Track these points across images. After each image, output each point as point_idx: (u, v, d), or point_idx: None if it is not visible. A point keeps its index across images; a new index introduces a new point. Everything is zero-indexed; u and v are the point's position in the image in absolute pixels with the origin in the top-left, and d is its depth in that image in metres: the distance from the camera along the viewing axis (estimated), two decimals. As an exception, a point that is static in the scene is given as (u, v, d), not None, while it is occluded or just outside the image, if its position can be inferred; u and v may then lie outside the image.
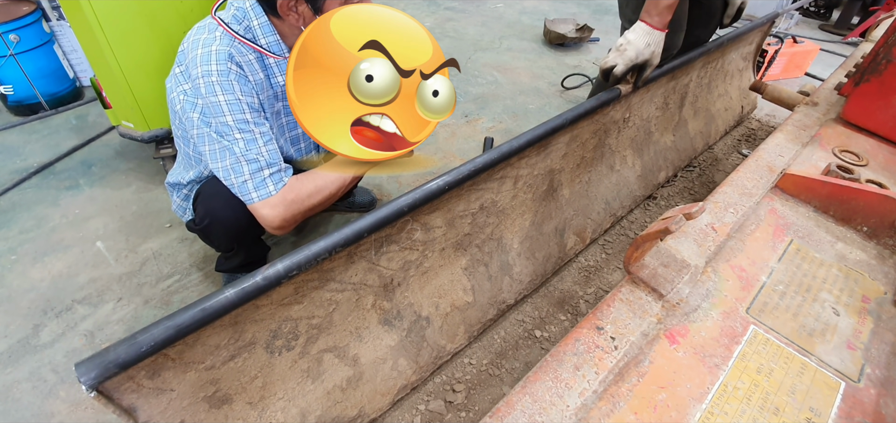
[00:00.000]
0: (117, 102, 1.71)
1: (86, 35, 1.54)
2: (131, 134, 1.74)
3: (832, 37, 3.63)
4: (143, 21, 1.55)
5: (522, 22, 3.70)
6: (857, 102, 1.25)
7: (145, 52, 1.60)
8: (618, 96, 1.35)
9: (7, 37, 2.14)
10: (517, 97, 2.64)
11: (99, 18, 1.47)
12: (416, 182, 1.97)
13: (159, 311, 1.42)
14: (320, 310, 0.96)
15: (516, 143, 1.11)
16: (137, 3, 1.51)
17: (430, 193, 0.94)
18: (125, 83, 1.61)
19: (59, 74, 2.42)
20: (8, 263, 1.56)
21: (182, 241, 1.66)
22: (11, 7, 2.21)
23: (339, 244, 0.82)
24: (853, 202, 0.96)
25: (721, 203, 0.99)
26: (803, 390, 0.68)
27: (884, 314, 0.80)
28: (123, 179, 1.94)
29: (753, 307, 0.80)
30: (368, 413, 1.07)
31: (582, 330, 0.74)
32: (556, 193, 1.46)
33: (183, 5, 1.59)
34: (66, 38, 2.47)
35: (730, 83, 2.21)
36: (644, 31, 1.27)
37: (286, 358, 0.94)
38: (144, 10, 1.53)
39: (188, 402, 0.80)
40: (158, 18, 1.57)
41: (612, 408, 0.65)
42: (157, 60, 1.63)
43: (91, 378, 0.61)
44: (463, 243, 1.23)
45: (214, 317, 0.70)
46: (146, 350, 0.64)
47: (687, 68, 1.73)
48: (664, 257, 0.81)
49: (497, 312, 1.34)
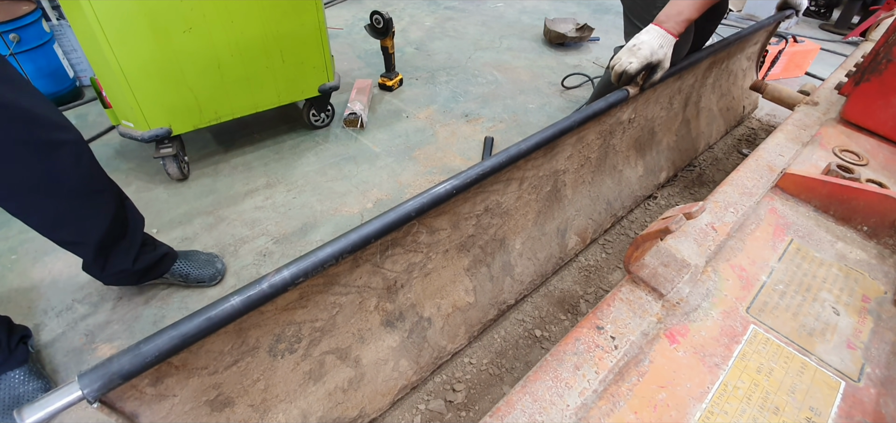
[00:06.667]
0: (117, 102, 1.71)
1: (86, 35, 1.54)
2: (131, 134, 1.74)
3: (832, 36, 3.63)
4: (143, 21, 1.55)
5: (522, 21, 3.70)
6: (858, 102, 1.25)
7: (145, 52, 1.60)
8: (626, 97, 1.33)
9: (7, 36, 2.14)
10: (517, 97, 2.64)
11: (99, 18, 1.47)
12: (422, 186, 1.97)
13: (159, 311, 1.42)
14: (324, 313, 0.96)
15: (525, 145, 1.09)
16: (137, 3, 1.51)
17: (438, 197, 0.93)
18: (125, 83, 1.61)
19: (59, 73, 2.42)
20: (8, 262, 1.56)
21: (182, 241, 1.66)
22: (11, 7, 2.21)
23: (346, 250, 0.81)
24: (853, 202, 0.96)
25: (721, 203, 0.99)
26: (803, 389, 0.68)
27: (884, 314, 0.80)
28: (123, 179, 1.94)
29: (753, 307, 0.80)
30: (369, 413, 1.08)
31: (582, 330, 0.74)
32: (560, 194, 1.46)
33: (183, 5, 1.59)
34: (66, 38, 2.47)
35: (733, 83, 2.21)
36: (658, 34, 1.27)
37: (289, 361, 0.94)
38: (144, 10, 1.53)
39: (190, 406, 0.80)
40: (158, 18, 1.57)
41: (612, 408, 0.66)
42: (157, 60, 1.63)
43: (94, 390, 0.60)
44: (466, 245, 1.23)
45: (219, 325, 0.69)
46: (151, 360, 0.63)
47: (693, 69, 1.73)
48: (664, 257, 0.81)
49: (498, 312, 1.34)
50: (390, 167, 2.06)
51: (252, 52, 1.82)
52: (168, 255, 1.42)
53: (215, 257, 1.54)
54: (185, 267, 1.45)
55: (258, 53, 1.83)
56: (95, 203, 1.18)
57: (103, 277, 1.31)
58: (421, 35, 3.42)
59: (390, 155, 2.14)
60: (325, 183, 1.95)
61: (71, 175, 1.10)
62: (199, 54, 1.71)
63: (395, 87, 2.69)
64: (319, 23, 1.92)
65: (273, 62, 1.89)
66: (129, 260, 1.29)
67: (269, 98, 1.97)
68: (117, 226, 1.24)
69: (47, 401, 0.57)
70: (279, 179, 1.97)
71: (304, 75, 2.02)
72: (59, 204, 1.11)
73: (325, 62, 2.04)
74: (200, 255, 1.51)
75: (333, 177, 1.99)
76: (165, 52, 1.63)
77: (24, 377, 1.18)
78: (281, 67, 1.93)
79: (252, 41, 1.80)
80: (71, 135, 1.11)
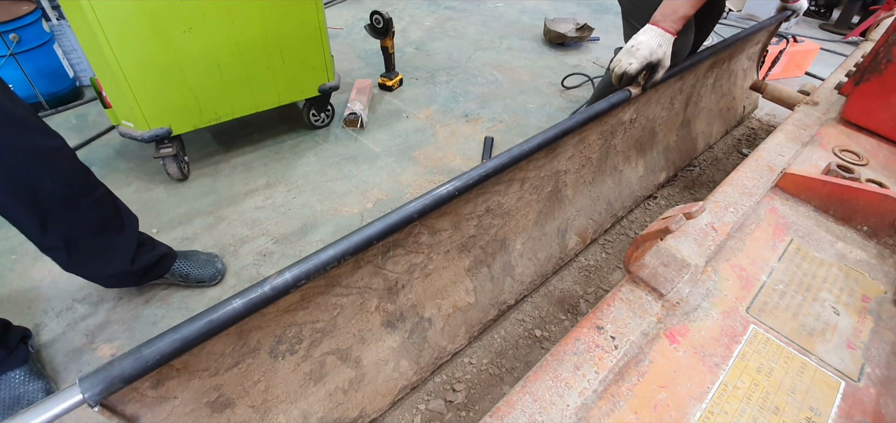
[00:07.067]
0: (117, 101, 1.71)
1: (86, 35, 1.54)
2: (131, 134, 1.74)
3: (832, 36, 3.63)
4: (142, 21, 1.55)
5: (522, 21, 3.70)
6: (858, 102, 1.25)
7: (145, 52, 1.60)
8: (628, 98, 1.33)
9: (7, 36, 2.14)
10: (517, 97, 2.64)
11: (99, 18, 1.47)
12: (422, 186, 1.98)
13: (159, 311, 1.42)
14: (325, 314, 0.96)
15: (527, 146, 1.08)
16: (137, 3, 1.51)
17: (440, 198, 0.93)
18: (125, 83, 1.61)
19: (59, 73, 2.42)
20: (9, 262, 1.56)
21: (182, 241, 1.66)
22: (11, 7, 2.21)
23: (348, 252, 0.81)
24: (853, 202, 0.96)
25: (721, 203, 0.99)
26: (803, 389, 0.68)
27: (884, 314, 0.80)
28: (123, 179, 1.94)
29: (753, 307, 0.80)
30: (369, 414, 1.08)
31: (582, 330, 0.75)
32: (561, 194, 1.46)
33: (183, 5, 1.59)
34: (66, 38, 2.47)
35: (734, 83, 2.21)
36: (656, 34, 1.27)
37: (289, 362, 0.94)
38: (144, 10, 1.53)
39: (191, 408, 0.80)
40: (158, 18, 1.57)
41: (612, 407, 0.66)
42: (157, 60, 1.63)
43: (96, 394, 0.60)
44: (467, 245, 1.23)
45: (221, 328, 0.69)
46: (152, 363, 0.63)
47: (694, 69, 1.73)
48: (664, 257, 0.81)
49: (498, 312, 1.34)
50: (390, 167, 2.06)
51: (252, 52, 1.82)
52: (167, 255, 1.42)
53: (215, 256, 1.54)
54: (184, 267, 1.45)
55: (258, 53, 1.83)
56: (82, 207, 1.17)
57: (102, 280, 1.31)
58: (421, 35, 3.42)
59: (390, 155, 2.14)
60: (325, 183, 1.96)
61: (56, 180, 1.10)
62: (199, 54, 1.71)
63: (395, 87, 2.69)
64: (319, 23, 1.92)
65: (273, 62, 1.89)
66: (126, 261, 1.29)
67: (269, 98, 1.97)
68: (109, 228, 1.24)
69: (48, 404, 0.57)
70: (279, 179, 1.97)
71: (304, 75, 2.02)
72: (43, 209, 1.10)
73: (325, 62, 2.04)
74: (200, 255, 1.52)
75: (333, 177, 1.99)
76: (165, 52, 1.63)
77: (24, 378, 1.18)
78: (281, 67, 1.93)
79: (252, 41, 1.80)
80: (57, 141, 1.11)
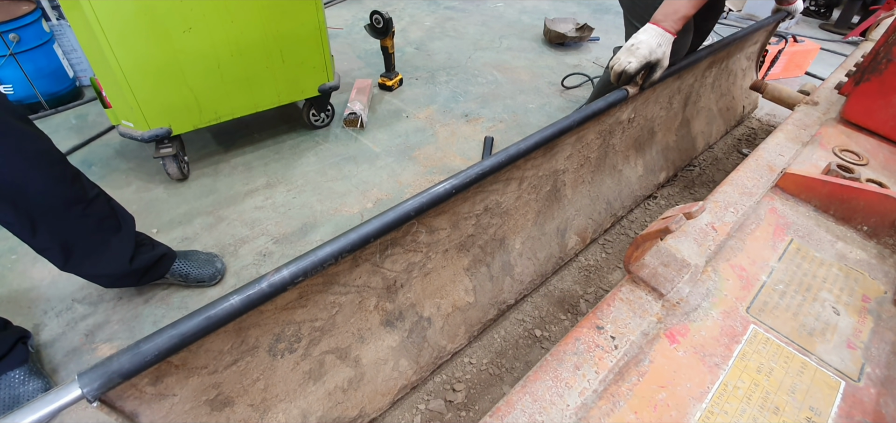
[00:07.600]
0: (117, 101, 1.71)
1: (86, 35, 1.54)
2: (131, 134, 1.74)
3: (832, 36, 3.62)
4: (142, 21, 1.55)
5: (522, 21, 3.70)
6: (858, 102, 1.25)
7: (145, 51, 1.60)
8: (625, 97, 1.33)
9: (7, 36, 2.14)
10: (517, 96, 2.64)
11: (99, 18, 1.47)
12: (422, 186, 1.97)
13: (159, 310, 1.42)
14: (323, 313, 0.96)
15: (524, 145, 1.09)
16: (137, 3, 1.51)
17: (437, 196, 0.93)
18: (125, 83, 1.61)
19: (58, 73, 2.42)
20: (9, 262, 1.56)
21: (182, 241, 1.66)
22: (11, 7, 2.21)
23: (345, 250, 0.81)
24: (853, 202, 0.96)
25: (721, 203, 0.99)
26: (803, 389, 0.68)
27: (884, 314, 0.80)
28: (123, 179, 1.94)
29: (753, 307, 0.80)
30: (369, 413, 1.08)
31: (582, 330, 0.74)
32: (559, 194, 1.46)
33: (183, 5, 1.59)
34: (66, 38, 2.47)
35: (733, 83, 2.21)
36: (655, 33, 1.27)
37: (288, 361, 0.94)
38: (144, 10, 1.53)
39: (190, 406, 0.80)
40: (158, 18, 1.57)
41: (612, 407, 0.66)
42: (157, 60, 1.63)
43: (94, 389, 0.60)
44: (466, 244, 1.23)
45: (219, 325, 0.69)
46: (150, 359, 0.63)
47: (693, 68, 1.73)
48: (664, 257, 0.81)
49: (498, 312, 1.34)
50: (390, 167, 2.06)
51: (252, 52, 1.82)
52: (167, 255, 1.42)
53: (215, 256, 1.54)
54: (184, 267, 1.45)
55: (258, 53, 1.83)
56: (74, 207, 1.17)
57: (101, 280, 1.31)
58: (421, 35, 3.42)
59: (390, 155, 2.14)
60: (325, 183, 1.95)
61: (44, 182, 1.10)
62: (199, 54, 1.71)
63: (395, 87, 2.69)
64: (319, 23, 1.92)
65: (273, 62, 1.89)
66: (124, 261, 1.29)
67: (269, 98, 1.97)
68: (105, 228, 1.24)
69: (47, 400, 0.57)
70: (279, 179, 1.97)
71: (303, 75, 2.02)
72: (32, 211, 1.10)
73: (325, 62, 2.04)
74: (200, 255, 1.51)
75: (333, 177, 1.99)
76: (165, 52, 1.63)
77: (23, 377, 1.18)
78: (281, 67, 1.93)
79: (252, 41, 1.80)
80: (43, 144, 1.12)
